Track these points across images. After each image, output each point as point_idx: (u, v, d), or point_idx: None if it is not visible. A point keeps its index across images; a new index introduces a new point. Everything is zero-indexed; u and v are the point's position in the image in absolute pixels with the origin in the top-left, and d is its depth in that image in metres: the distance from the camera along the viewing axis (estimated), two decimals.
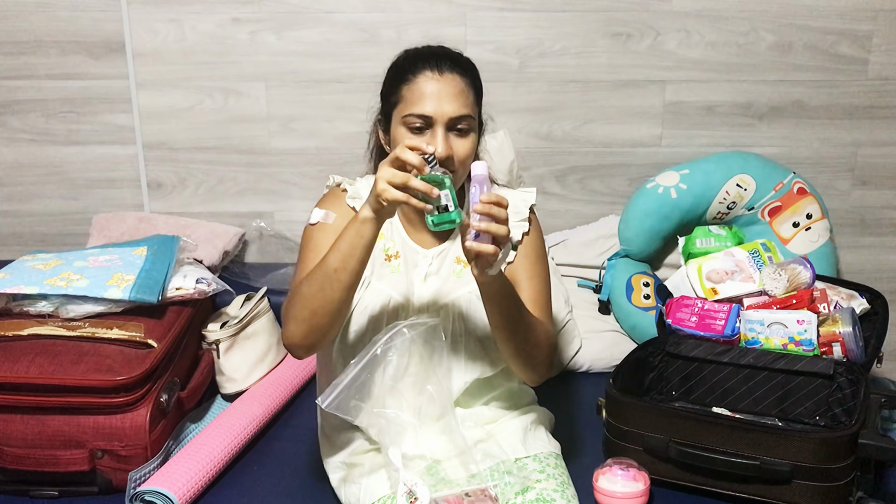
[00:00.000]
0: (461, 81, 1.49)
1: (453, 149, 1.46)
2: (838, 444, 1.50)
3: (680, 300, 1.92)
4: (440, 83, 1.47)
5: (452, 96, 1.46)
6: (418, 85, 1.47)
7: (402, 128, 1.48)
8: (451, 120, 1.46)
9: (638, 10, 2.25)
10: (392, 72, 1.56)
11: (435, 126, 1.46)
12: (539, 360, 1.53)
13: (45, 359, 1.62)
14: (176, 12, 2.22)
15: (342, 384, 1.43)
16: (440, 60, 1.49)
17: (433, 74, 1.47)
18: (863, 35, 2.28)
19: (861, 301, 1.91)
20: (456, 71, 1.49)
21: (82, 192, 2.37)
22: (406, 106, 1.48)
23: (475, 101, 1.53)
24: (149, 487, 1.55)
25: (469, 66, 1.54)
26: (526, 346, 1.49)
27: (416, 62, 1.51)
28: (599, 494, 1.59)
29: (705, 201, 2.22)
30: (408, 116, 1.47)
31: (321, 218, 1.56)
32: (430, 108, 1.45)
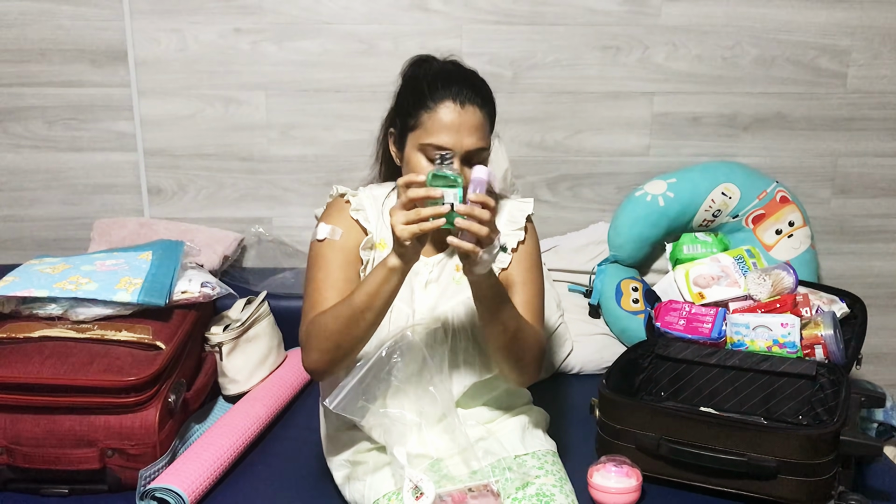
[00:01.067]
0: (481, 114, 1.49)
1: (466, 178, 1.48)
2: (821, 441, 1.55)
3: (668, 304, 1.97)
4: (461, 116, 1.47)
5: (472, 130, 1.48)
6: (439, 115, 1.47)
7: (419, 154, 1.49)
8: (469, 152, 1.48)
9: (627, 24, 2.31)
10: (410, 89, 1.55)
11: (452, 157, 1.47)
12: (527, 362, 1.55)
13: (57, 360, 1.65)
14: (178, 22, 2.26)
15: (348, 386, 1.47)
16: (462, 91, 1.48)
17: (455, 106, 1.47)
18: (841, 50, 2.35)
19: (841, 305, 1.96)
20: (476, 103, 1.49)
21: (83, 198, 2.40)
22: (425, 134, 1.48)
23: (489, 130, 1.54)
24: (159, 484, 1.58)
25: (487, 96, 1.54)
26: (514, 346, 1.51)
27: (438, 88, 1.49)
28: (594, 490, 1.64)
29: (692, 209, 2.27)
30: (427, 146, 1.48)
31: (328, 234, 1.57)
32: (449, 140, 1.46)
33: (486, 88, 1.55)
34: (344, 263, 1.57)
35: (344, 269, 1.56)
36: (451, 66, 1.58)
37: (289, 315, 2.12)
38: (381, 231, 1.63)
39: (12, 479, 1.65)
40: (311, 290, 1.56)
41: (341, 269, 1.56)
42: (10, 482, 1.65)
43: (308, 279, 1.59)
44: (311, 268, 1.59)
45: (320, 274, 1.55)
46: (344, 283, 1.55)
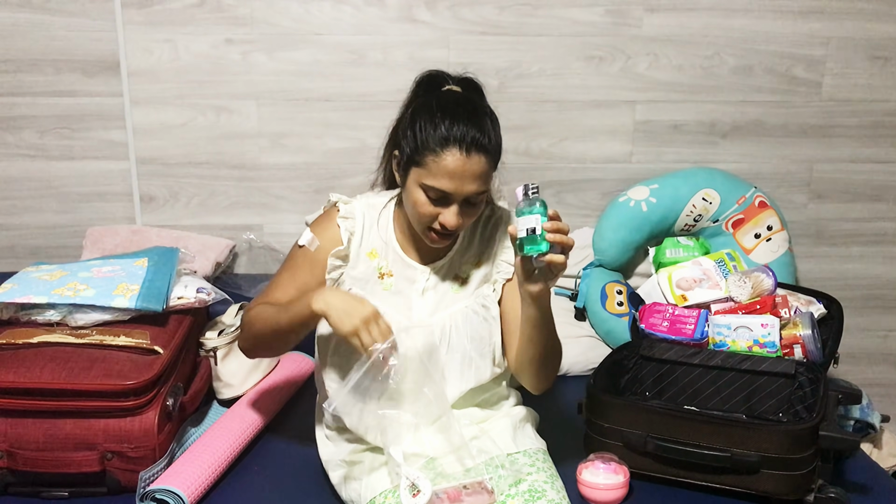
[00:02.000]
0: (484, 161, 1.49)
1: (464, 218, 1.53)
2: (801, 436, 1.60)
3: (652, 306, 2.01)
4: (465, 164, 1.47)
5: (474, 178, 1.49)
6: (444, 161, 1.47)
7: (420, 191, 1.52)
8: (469, 197, 1.51)
9: (610, 35, 2.36)
10: (421, 120, 1.52)
11: (451, 201, 1.51)
12: (552, 375, 1.66)
13: (57, 365, 1.67)
14: (170, 33, 2.29)
15: (346, 389, 1.52)
16: (467, 136, 1.47)
17: (461, 155, 1.47)
18: (816, 60, 2.41)
19: (819, 306, 2.00)
20: (482, 150, 1.48)
21: (75, 206, 2.42)
22: (428, 175, 1.49)
23: (492, 169, 1.54)
24: (159, 486, 1.61)
25: (494, 135, 1.52)
26: (547, 360, 1.62)
27: (444, 132, 1.48)
28: (583, 486, 1.69)
29: (673, 214, 2.32)
30: (427, 187, 1.50)
31: (307, 242, 1.63)
32: (451, 186, 1.49)
33: (493, 128, 1.53)
34: (308, 275, 1.64)
35: (305, 279, 1.65)
36: (462, 98, 1.56)
37: None
38: (372, 240, 1.66)
39: (13, 482, 1.67)
40: (271, 283, 1.68)
41: (302, 279, 1.65)
42: (11, 486, 1.67)
43: (276, 273, 1.70)
44: (283, 264, 1.69)
45: (285, 274, 1.67)
46: (296, 293, 1.63)
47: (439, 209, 1.52)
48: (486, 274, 1.68)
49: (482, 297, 1.67)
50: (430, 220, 1.54)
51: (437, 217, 1.53)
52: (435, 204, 1.52)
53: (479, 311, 1.66)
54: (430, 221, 1.54)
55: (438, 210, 1.52)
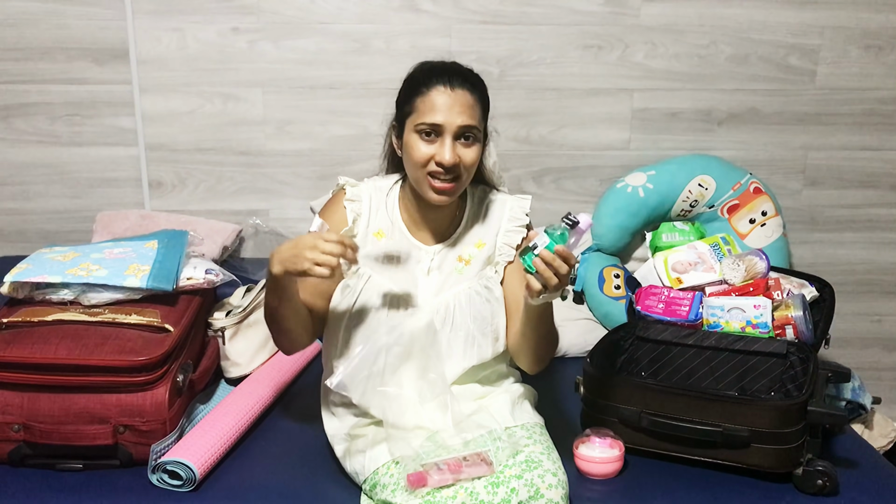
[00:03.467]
0: (470, 97, 1.60)
1: (460, 156, 1.60)
2: (790, 411, 1.65)
3: (648, 289, 2.05)
4: (451, 97, 1.58)
5: (462, 109, 1.58)
6: (431, 97, 1.58)
7: (415, 135, 1.60)
8: (459, 129, 1.58)
9: (608, 24, 2.40)
10: (407, 84, 1.66)
11: (444, 135, 1.58)
12: (547, 359, 1.74)
13: (71, 342, 1.72)
14: (179, 22, 2.34)
15: (350, 367, 1.57)
16: (452, 76, 1.60)
17: (445, 89, 1.58)
18: (811, 49, 2.45)
19: (811, 289, 2.04)
20: (466, 87, 1.60)
21: (86, 191, 2.47)
22: (418, 116, 1.60)
23: (482, 115, 1.64)
24: (170, 458, 1.67)
25: (478, 83, 1.64)
26: (543, 350, 1.70)
27: (431, 77, 1.61)
28: (579, 460, 1.74)
29: (670, 200, 2.36)
30: (420, 125, 1.59)
31: (318, 228, 1.67)
32: (440, 118, 1.58)
33: (477, 78, 1.65)
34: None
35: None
36: (447, 62, 1.67)
37: None
38: (379, 221, 1.72)
39: (29, 454, 1.72)
40: None
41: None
42: (28, 458, 1.72)
43: None
44: None
45: None
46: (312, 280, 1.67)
47: (434, 149, 1.59)
48: (489, 256, 1.74)
49: (485, 279, 1.72)
50: (426, 162, 1.60)
51: (432, 158, 1.59)
52: (430, 144, 1.59)
53: (481, 292, 1.71)
54: (427, 163, 1.60)
55: (433, 150, 1.59)
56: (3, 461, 1.73)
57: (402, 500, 1.50)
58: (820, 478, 1.67)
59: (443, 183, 1.61)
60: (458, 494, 1.48)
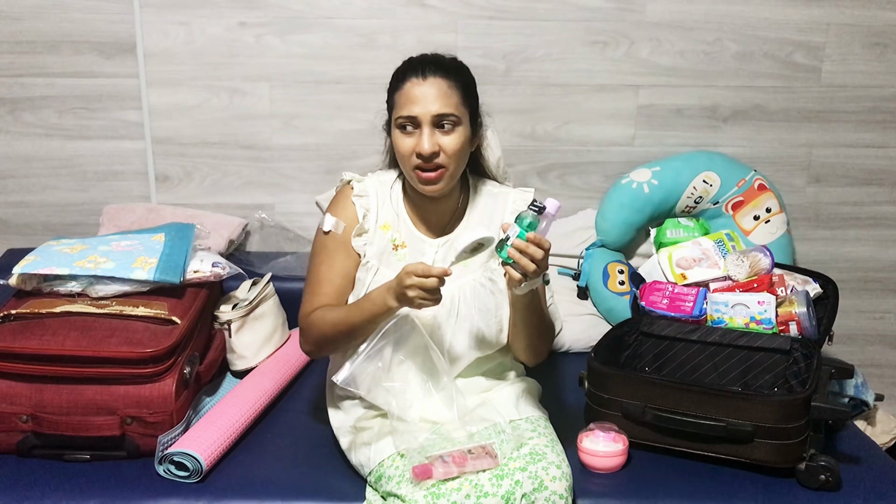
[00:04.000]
0: (444, 83, 1.62)
1: (440, 144, 1.61)
2: (794, 406, 1.66)
3: (652, 285, 2.06)
4: (423, 86, 1.61)
5: (435, 97, 1.60)
6: (406, 91, 1.62)
7: (396, 130, 1.64)
8: (436, 118, 1.60)
9: (614, 20, 2.40)
10: (390, 82, 1.70)
11: (422, 125, 1.61)
12: (545, 348, 1.75)
13: (79, 333, 1.73)
14: (186, 16, 2.34)
15: (355, 363, 1.59)
16: (424, 66, 1.63)
17: (417, 80, 1.61)
18: (816, 46, 2.45)
19: (815, 286, 2.04)
20: (439, 74, 1.62)
21: (92, 184, 2.48)
22: (397, 110, 1.63)
23: (461, 100, 1.64)
24: (177, 449, 1.68)
25: (454, 68, 1.66)
26: (537, 340, 1.70)
27: (406, 71, 1.65)
28: (583, 454, 1.75)
29: (674, 196, 2.36)
30: (398, 119, 1.62)
31: (332, 227, 1.71)
32: (416, 109, 1.60)
33: (455, 63, 1.67)
34: (344, 258, 1.71)
35: (342, 264, 1.72)
36: (424, 54, 1.70)
37: (291, 296, 2.20)
38: (385, 214, 1.74)
39: (37, 445, 1.74)
40: (312, 280, 1.72)
41: (340, 265, 1.72)
42: (36, 448, 1.74)
43: (311, 267, 1.74)
44: (314, 256, 1.74)
45: (323, 267, 1.72)
46: (341, 279, 1.71)
47: (415, 140, 1.61)
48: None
49: (489, 271, 1.73)
50: (410, 155, 1.62)
51: (415, 150, 1.61)
52: (410, 136, 1.62)
53: (486, 284, 1.72)
54: (411, 156, 1.62)
55: (414, 141, 1.61)
56: (12, 451, 1.75)
57: (407, 492, 1.51)
58: (823, 473, 1.68)
59: (428, 173, 1.63)
60: (463, 486, 1.49)
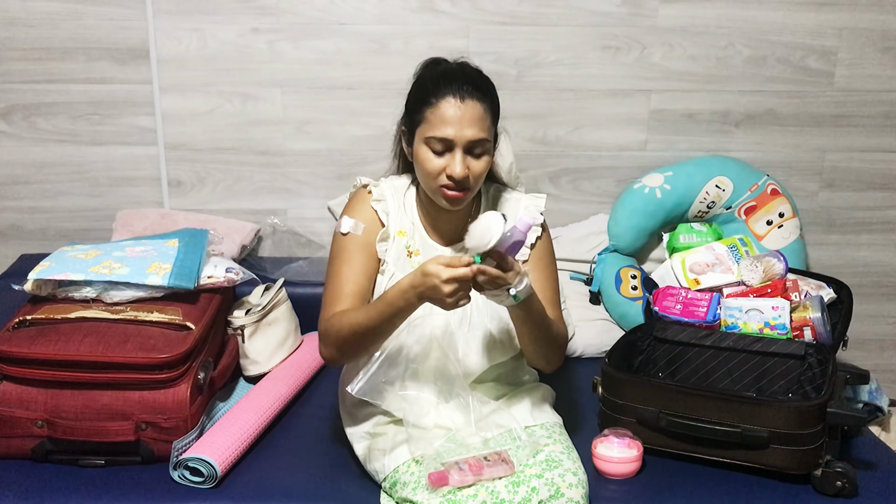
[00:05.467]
0: (480, 107, 1.58)
1: (470, 168, 1.60)
2: (809, 413, 1.65)
3: (666, 290, 2.06)
4: (461, 109, 1.57)
5: (472, 122, 1.57)
6: (441, 109, 1.57)
7: (425, 147, 1.61)
8: (470, 143, 1.58)
9: (626, 25, 2.40)
10: (417, 88, 1.65)
11: (455, 149, 1.58)
12: (554, 355, 1.72)
13: (94, 339, 1.74)
14: (199, 22, 2.35)
15: (369, 372, 1.58)
16: (462, 86, 1.58)
17: (455, 101, 1.57)
18: (829, 50, 2.45)
19: (829, 291, 2.04)
20: (476, 97, 1.58)
21: (106, 190, 2.48)
22: (429, 128, 1.59)
23: (492, 123, 1.63)
24: (192, 455, 1.68)
25: (488, 90, 1.62)
26: (545, 346, 1.69)
27: (440, 86, 1.59)
28: (598, 460, 1.75)
29: (687, 201, 2.36)
30: (430, 139, 1.59)
31: (351, 228, 1.69)
32: (450, 132, 1.57)
33: (487, 84, 1.64)
34: (365, 259, 1.69)
35: (364, 264, 1.69)
36: (456, 66, 1.66)
37: (303, 301, 2.22)
38: (400, 220, 1.74)
39: (53, 450, 1.74)
40: (332, 282, 1.68)
41: (361, 266, 1.69)
42: (51, 454, 1.74)
43: (330, 270, 1.71)
44: (333, 259, 1.71)
45: (344, 268, 1.68)
46: (364, 280, 1.68)
47: (445, 162, 1.59)
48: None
49: None
50: (438, 174, 1.61)
51: (444, 170, 1.60)
52: (440, 156, 1.59)
53: None
54: (439, 175, 1.61)
55: (444, 162, 1.59)
56: (27, 457, 1.75)
57: (422, 499, 1.51)
58: (839, 479, 1.67)
59: (454, 192, 1.62)
60: (479, 493, 1.49)
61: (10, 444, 1.74)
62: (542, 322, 1.64)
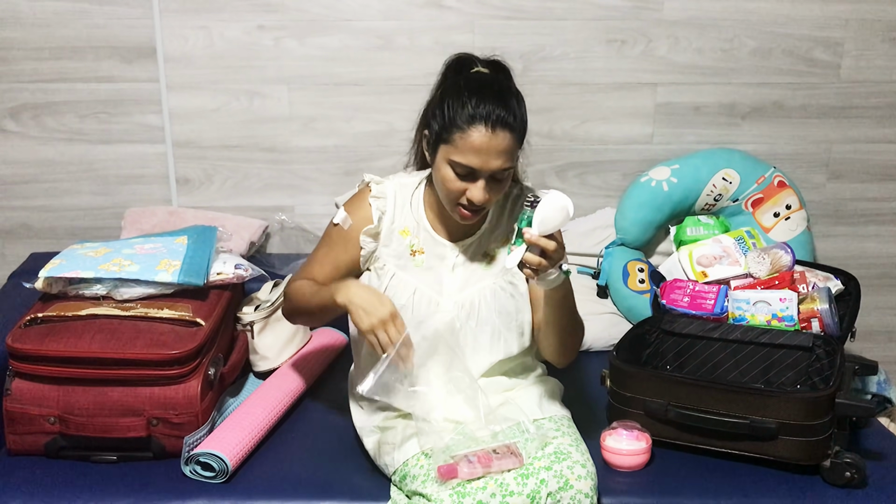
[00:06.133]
0: (510, 137, 1.55)
1: (490, 192, 1.59)
2: (818, 404, 1.66)
3: (673, 283, 2.07)
4: (491, 140, 1.53)
5: (500, 153, 1.55)
6: (470, 137, 1.53)
7: (448, 167, 1.58)
8: (494, 172, 1.57)
9: (631, 18, 2.40)
10: (449, 99, 1.58)
11: (478, 176, 1.57)
12: (574, 349, 1.74)
13: (105, 336, 1.75)
14: (205, 20, 2.36)
15: (378, 372, 1.57)
16: (493, 114, 1.53)
17: (486, 131, 1.53)
18: (835, 42, 2.44)
19: (836, 282, 2.05)
20: (507, 126, 1.54)
21: (114, 188, 2.49)
22: (455, 151, 1.56)
23: (518, 146, 1.60)
24: (203, 450, 1.70)
25: (519, 114, 1.58)
26: (567, 338, 1.70)
27: (470, 109, 1.54)
28: (606, 452, 1.76)
29: (694, 194, 2.36)
30: (454, 163, 1.57)
31: (341, 221, 1.73)
32: (477, 162, 1.55)
33: (519, 107, 1.59)
34: (342, 251, 1.74)
35: (339, 255, 1.75)
36: (490, 79, 1.63)
37: None
38: (405, 218, 1.74)
39: (65, 446, 1.76)
40: (310, 258, 1.79)
41: (336, 255, 1.75)
42: (63, 450, 1.76)
43: (314, 249, 1.79)
44: (320, 242, 1.79)
45: (322, 251, 1.77)
46: (331, 268, 1.75)
47: (466, 185, 1.58)
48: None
49: (510, 275, 1.73)
50: (458, 196, 1.60)
51: (464, 193, 1.59)
52: (462, 179, 1.58)
53: (506, 288, 1.72)
54: (458, 197, 1.60)
55: (466, 186, 1.59)
56: (40, 453, 1.77)
57: (432, 491, 1.51)
58: (848, 470, 1.68)
59: (471, 214, 1.63)
60: (489, 485, 1.50)
61: (24, 440, 1.76)
62: (573, 307, 1.66)
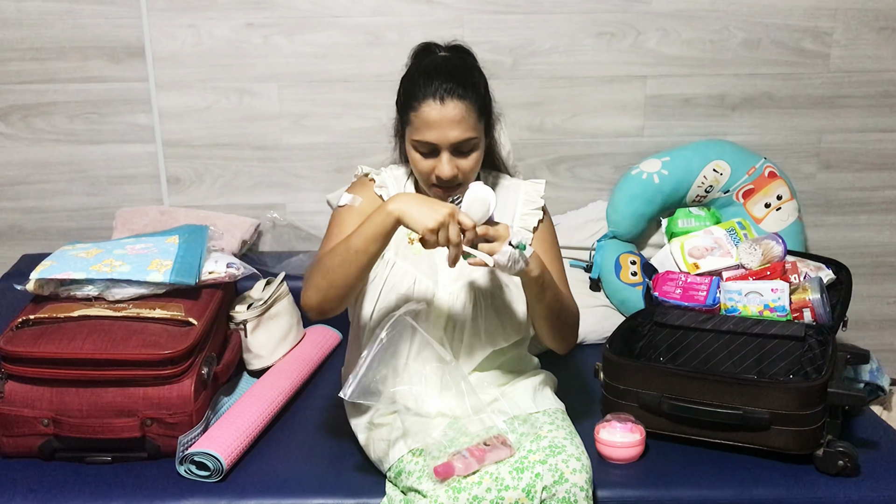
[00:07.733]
0: (462, 106, 1.57)
1: (459, 167, 1.60)
2: (810, 393, 1.66)
3: (665, 275, 2.06)
4: (442, 111, 1.56)
5: (454, 123, 1.57)
6: (423, 114, 1.57)
7: (413, 150, 1.62)
8: (454, 144, 1.58)
9: (620, 11, 2.40)
10: (403, 85, 1.65)
11: (441, 151, 1.59)
12: (568, 332, 1.74)
13: (98, 336, 1.75)
14: (193, 18, 2.35)
15: (359, 375, 1.56)
16: (442, 86, 1.56)
17: (435, 103, 1.56)
18: (824, 32, 2.44)
19: (828, 272, 2.04)
20: (456, 95, 1.56)
21: (104, 189, 2.49)
22: (414, 131, 1.60)
23: (478, 115, 1.61)
24: (198, 449, 1.70)
25: (471, 84, 1.60)
26: (560, 324, 1.69)
27: (420, 88, 1.58)
28: (601, 445, 1.76)
29: (685, 185, 2.36)
30: (415, 142, 1.60)
31: (349, 201, 1.72)
32: (433, 136, 1.57)
33: (470, 78, 1.62)
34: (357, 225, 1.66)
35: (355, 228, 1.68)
36: (440, 60, 1.65)
37: None
38: None
39: (59, 448, 1.75)
40: (324, 244, 1.70)
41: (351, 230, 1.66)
42: (58, 451, 1.75)
43: (325, 235, 1.73)
44: (329, 226, 1.74)
45: (335, 230, 1.69)
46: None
47: (433, 162, 1.60)
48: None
49: None
50: (429, 176, 1.62)
51: (433, 171, 1.61)
52: (427, 157, 1.61)
53: (500, 278, 1.73)
54: (430, 176, 1.62)
55: (433, 163, 1.60)
56: (34, 455, 1.76)
57: (427, 488, 1.52)
58: (841, 458, 1.68)
59: (447, 191, 1.64)
60: (484, 480, 1.50)
61: (18, 442, 1.75)
62: (556, 298, 1.65)
